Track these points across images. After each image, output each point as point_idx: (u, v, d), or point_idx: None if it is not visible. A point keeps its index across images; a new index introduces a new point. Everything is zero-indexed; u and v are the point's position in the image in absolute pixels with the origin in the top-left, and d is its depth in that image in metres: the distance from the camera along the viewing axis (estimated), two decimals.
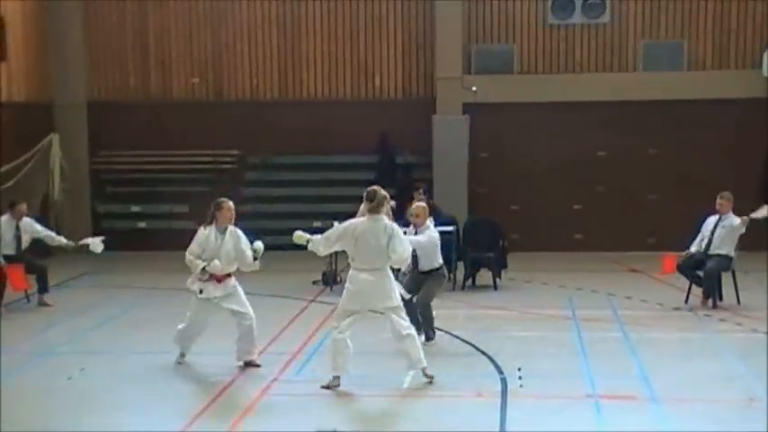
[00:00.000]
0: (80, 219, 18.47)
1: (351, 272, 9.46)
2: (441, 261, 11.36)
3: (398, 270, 12.39)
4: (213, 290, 10.21)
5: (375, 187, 9.53)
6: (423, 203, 11.86)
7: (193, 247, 10.20)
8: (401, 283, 12.38)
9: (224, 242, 10.18)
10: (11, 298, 13.47)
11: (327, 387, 9.33)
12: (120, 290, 14.85)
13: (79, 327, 12.41)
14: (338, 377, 9.39)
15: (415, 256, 11.34)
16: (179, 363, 10.38)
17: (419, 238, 11.11)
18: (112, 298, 10.12)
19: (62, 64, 19.11)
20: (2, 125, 16.91)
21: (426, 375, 9.54)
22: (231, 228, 10.28)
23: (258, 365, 10.20)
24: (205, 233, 10.21)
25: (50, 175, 18.44)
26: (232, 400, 8.99)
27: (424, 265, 11.28)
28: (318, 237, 9.59)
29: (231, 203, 10.34)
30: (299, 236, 9.69)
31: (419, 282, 11.35)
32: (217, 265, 10.11)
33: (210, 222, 10.25)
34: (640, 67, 18.89)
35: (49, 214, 17.85)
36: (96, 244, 13.05)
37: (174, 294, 10.50)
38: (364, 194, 9.49)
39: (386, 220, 9.46)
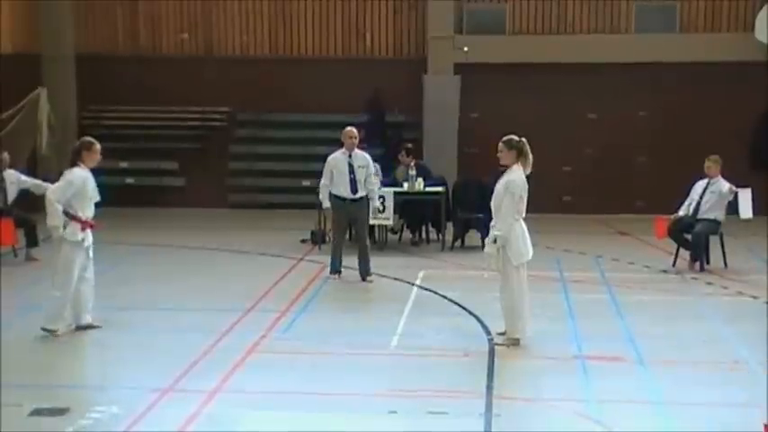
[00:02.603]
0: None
1: (520, 224, 9.14)
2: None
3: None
4: (89, 236, 9.61)
5: (512, 136, 9.12)
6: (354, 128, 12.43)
7: (67, 188, 9.35)
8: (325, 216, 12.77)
9: (94, 183, 9.60)
10: None
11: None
12: (107, 245, 14.74)
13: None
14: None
15: (354, 183, 11.92)
16: (57, 335, 9.49)
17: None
18: (100, 253, 10.05)
19: (50, 16, 18.86)
20: None
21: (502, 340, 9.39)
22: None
23: (96, 326, 9.77)
24: (82, 175, 9.42)
25: (38, 130, 18.29)
26: (220, 356, 9.00)
27: (362, 191, 12.05)
28: (507, 221, 8.99)
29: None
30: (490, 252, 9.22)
31: (351, 212, 11.92)
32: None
33: (76, 162, 9.44)
34: (633, 29, 18.80)
35: (37, 169, 17.72)
36: None
37: (162, 251, 10.44)
38: (506, 144, 9.05)
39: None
